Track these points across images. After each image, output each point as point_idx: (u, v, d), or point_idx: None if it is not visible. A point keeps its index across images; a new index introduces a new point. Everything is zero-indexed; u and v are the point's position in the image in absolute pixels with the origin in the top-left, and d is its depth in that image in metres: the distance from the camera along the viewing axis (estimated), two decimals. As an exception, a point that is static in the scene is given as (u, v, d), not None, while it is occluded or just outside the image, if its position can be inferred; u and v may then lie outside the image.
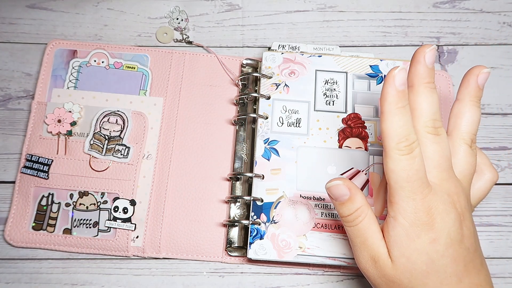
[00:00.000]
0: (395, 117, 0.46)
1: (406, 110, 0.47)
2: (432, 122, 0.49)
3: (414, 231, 0.47)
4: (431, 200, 0.47)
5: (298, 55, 0.66)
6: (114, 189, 0.63)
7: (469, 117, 0.51)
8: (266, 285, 0.62)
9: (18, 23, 0.71)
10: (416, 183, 0.46)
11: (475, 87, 0.51)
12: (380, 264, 0.49)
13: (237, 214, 0.63)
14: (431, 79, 0.49)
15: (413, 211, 0.47)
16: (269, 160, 0.62)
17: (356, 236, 0.50)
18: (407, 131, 0.46)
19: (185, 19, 0.72)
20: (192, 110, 0.67)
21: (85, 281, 0.62)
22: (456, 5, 0.74)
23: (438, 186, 0.48)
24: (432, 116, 0.49)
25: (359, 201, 0.49)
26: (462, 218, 0.48)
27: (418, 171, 0.46)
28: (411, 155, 0.46)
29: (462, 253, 0.47)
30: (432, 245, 0.47)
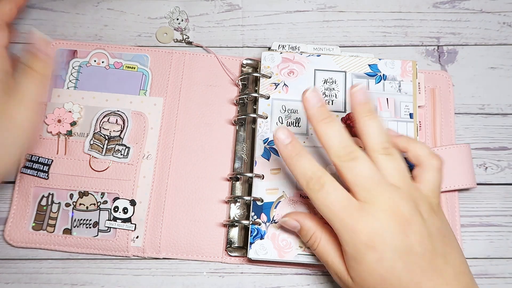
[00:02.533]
0: (297, 163, 0.51)
1: (302, 155, 0.51)
2: (342, 150, 0.50)
3: (358, 255, 0.49)
4: (365, 222, 0.48)
5: (297, 55, 0.66)
6: (114, 189, 0.63)
7: (368, 132, 0.52)
8: (266, 285, 0.62)
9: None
10: (340, 211, 0.49)
11: (358, 104, 0.53)
12: (344, 281, 0.52)
13: (237, 214, 0.63)
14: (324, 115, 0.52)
15: (350, 238, 0.49)
16: (268, 160, 0.62)
17: (320, 257, 0.55)
18: (311, 170, 0.51)
19: (185, 20, 0.72)
20: (192, 110, 0.67)
21: (85, 281, 0.62)
22: (456, 5, 0.74)
23: (369, 205, 0.49)
24: (340, 145, 0.51)
25: (310, 228, 0.54)
26: (406, 225, 0.49)
27: (336, 200, 0.49)
28: (323, 190, 0.50)
29: (414, 261, 0.48)
30: (379, 264, 0.48)
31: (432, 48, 0.72)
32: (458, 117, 0.69)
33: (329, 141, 0.51)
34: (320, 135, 0.52)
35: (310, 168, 0.51)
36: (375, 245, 0.48)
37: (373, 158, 0.51)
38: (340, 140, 0.51)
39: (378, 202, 0.49)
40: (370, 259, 0.48)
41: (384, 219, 0.48)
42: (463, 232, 0.64)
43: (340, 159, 0.50)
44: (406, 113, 0.64)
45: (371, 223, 0.48)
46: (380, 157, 0.51)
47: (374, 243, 0.48)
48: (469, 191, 0.66)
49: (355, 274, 0.50)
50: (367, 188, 0.49)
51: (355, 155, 0.50)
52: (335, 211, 0.49)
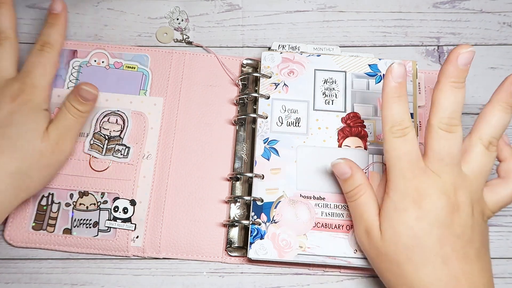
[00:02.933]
0: (392, 105, 0.52)
1: (401, 99, 0.52)
2: (447, 120, 0.51)
3: (402, 205, 0.52)
4: (421, 182, 0.51)
5: (297, 55, 0.67)
6: (114, 189, 0.63)
7: (492, 121, 0.53)
8: (266, 285, 0.62)
9: (18, 23, 0.71)
10: (406, 162, 0.52)
11: (507, 93, 0.53)
12: (372, 236, 0.54)
13: (237, 214, 0.63)
14: (459, 79, 0.51)
15: (403, 187, 0.52)
16: (268, 159, 0.62)
17: (354, 210, 0.56)
18: (401, 117, 0.52)
19: (185, 20, 0.72)
20: (192, 110, 0.67)
21: (85, 281, 0.62)
22: (456, 5, 0.74)
23: (436, 175, 0.52)
24: (449, 114, 0.51)
25: (359, 179, 0.56)
26: (455, 208, 0.51)
27: (408, 152, 0.52)
28: (403, 138, 0.52)
29: (449, 238, 0.50)
30: (418, 222, 0.51)
31: (432, 48, 0.72)
32: (458, 117, 0.69)
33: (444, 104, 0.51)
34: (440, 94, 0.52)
35: (402, 115, 0.52)
36: (422, 204, 0.51)
37: (473, 143, 0.53)
38: (454, 109, 0.51)
39: (442, 178, 0.52)
40: (411, 214, 0.51)
41: (439, 192, 0.51)
42: (463, 232, 0.64)
43: (441, 124, 0.51)
44: (406, 113, 0.64)
45: (426, 186, 0.51)
46: (480, 147, 0.53)
47: (422, 202, 0.51)
48: (469, 191, 0.66)
49: (388, 225, 0.52)
50: (443, 163, 0.52)
51: (456, 130, 0.51)
52: (402, 160, 0.52)
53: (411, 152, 0.52)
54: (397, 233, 0.52)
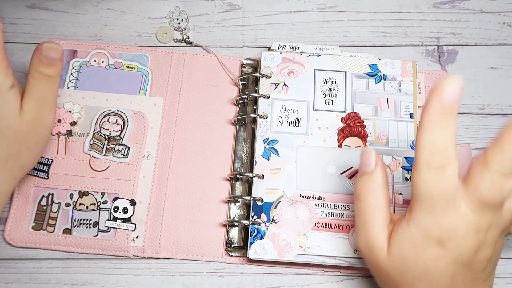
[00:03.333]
0: (433, 131, 0.43)
1: (450, 125, 0.42)
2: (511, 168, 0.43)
3: (422, 244, 0.46)
4: (451, 221, 0.44)
5: (297, 55, 0.67)
6: (114, 189, 0.63)
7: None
8: (266, 285, 0.62)
9: (18, 23, 0.71)
10: (439, 201, 0.44)
11: None
12: (374, 252, 0.48)
13: (237, 214, 0.63)
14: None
15: (427, 225, 0.45)
16: (268, 159, 0.62)
17: (359, 214, 0.50)
18: (443, 147, 0.43)
19: (185, 20, 0.72)
20: (192, 110, 0.67)
21: (85, 281, 0.62)
22: (456, 5, 0.74)
23: (471, 214, 0.44)
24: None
25: (377, 181, 0.48)
26: (481, 245, 0.46)
27: (445, 190, 0.44)
28: (441, 174, 0.43)
29: (463, 274, 0.46)
30: (435, 261, 0.46)
31: (432, 48, 0.72)
32: (458, 117, 0.67)
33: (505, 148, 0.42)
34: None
35: (445, 143, 0.43)
36: (446, 246, 0.45)
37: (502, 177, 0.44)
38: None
39: (479, 218, 0.45)
40: (430, 253, 0.46)
41: (470, 230, 0.45)
42: (463, 232, 0.64)
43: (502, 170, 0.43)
44: (406, 113, 0.64)
45: (457, 225, 0.44)
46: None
47: (447, 243, 0.45)
48: (469, 191, 0.66)
49: (399, 253, 0.47)
50: (484, 206, 0.44)
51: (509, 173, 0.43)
52: (436, 198, 0.44)
53: (448, 188, 0.44)
54: (408, 264, 0.47)
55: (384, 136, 0.63)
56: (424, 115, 0.43)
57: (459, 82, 0.41)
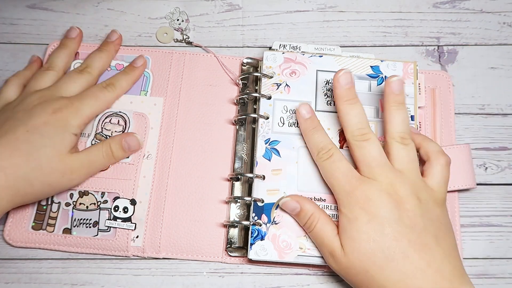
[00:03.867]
0: (314, 135, 0.60)
1: (318, 129, 0.60)
2: (358, 131, 0.57)
3: (352, 215, 0.54)
4: (361, 190, 0.55)
5: (299, 55, 0.66)
6: (114, 188, 0.63)
7: (392, 120, 0.57)
8: (266, 285, 0.62)
9: (18, 23, 0.71)
10: (341, 178, 0.56)
11: (391, 93, 0.58)
12: (336, 256, 0.55)
13: (237, 214, 0.63)
14: (350, 96, 0.58)
15: (347, 200, 0.55)
16: (270, 160, 0.62)
17: (315, 238, 0.58)
18: (323, 143, 0.59)
19: (185, 20, 0.72)
20: (192, 110, 0.67)
21: (85, 281, 0.62)
22: (456, 5, 0.74)
23: (371, 180, 0.55)
24: (357, 125, 0.57)
25: (309, 210, 0.58)
26: (398, 203, 0.54)
27: (339, 168, 0.57)
28: (330, 159, 0.58)
29: (402, 231, 0.53)
30: (370, 225, 0.53)
31: (432, 48, 0.72)
32: (458, 117, 0.69)
33: (348, 120, 0.58)
34: (341, 114, 0.59)
35: (323, 141, 0.59)
36: (369, 209, 0.54)
37: (389, 144, 0.57)
38: (358, 121, 0.57)
39: (378, 181, 0.55)
40: (362, 220, 0.54)
41: (379, 193, 0.54)
42: (463, 233, 0.64)
43: (354, 137, 0.57)
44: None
45: (367, 191, 0.54)
46: (395, 144, 0.57)
47: (368, 207, 0.54)
48: (469, 191, 0.66)
49: (346, 239, 0.54)
50: (371, 166, 0.56)
51: (368, 137, 0.57)
52: (338, 177, 0.57)
53: (341, 168, 0.57)
54: (356, 242, 0.53)
55: (385, 137, 0.63)
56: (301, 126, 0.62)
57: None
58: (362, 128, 0.57)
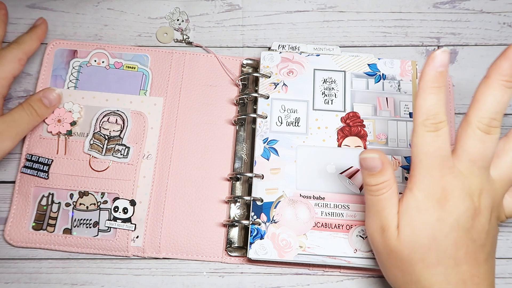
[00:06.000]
0: (428, 95, 0.48)
1: (440, 90, 0.48)
2: (488, 120, 0.48)
3: (425, 205, 0.49)
4: (448, 182, 0.48)
5: (296, 54, 0.67)
6: (114, 189, 0.63)
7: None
8: (266, 285, 0.62)
9: (18, 23, 0.72)
10: (435, 159, 0.48)
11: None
12: (387, 234, 0.51)
13: (237, 214, 0.63)
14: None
15: (428, 185, 0.49)
16: (268, 159, 0.62)
17: (374, 205, 0.52)
18: (436, 110, 0.48)
19: (185, 20, 0.72)
20: (192, 110, 0.67)
21: (85, 281, 0.62)
22: (456, 6, 0.74)
23: (464, 176, 0.49)
24: (492, 114, 0.48)
25: (388, 175, 0.50)
26: (476, 212, 0.49)
27: (439, 149, 0.48)
28: (436, 133, 0.48)
29: (465, 241, 0.49)
30: (438, 223, 0.49)
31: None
32: (458, 117, 0.69)
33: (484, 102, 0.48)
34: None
35: (438, 107, 0.48)
36: (446, 206, 0.49)
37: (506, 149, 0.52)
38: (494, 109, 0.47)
39: (470, 181, 0.49)
40: (433, 214, 0.49)
41: (464, 194, 0.49)
42: (463, 232, 0.64)
43: (480, 124, 0.48)
44: (405, 112, 0.64)
45: (453, 187, 0.48)
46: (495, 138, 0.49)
47: (446, 203, 0.48)
48: (469, 191, 0.66)
49: (406, 223, 0.50)
50: (474, 165, 0.49)
51: (495, 131, 0.48)
52: (432, 156, 0.48)
53: (442, 149, 0.48)
54: (416, 233, 0.49)
55: (384, 135, 0.63)
56: (421, 81, 0.48)
57: (447, 51, 0.47)
58: (496, 119, 0.48)
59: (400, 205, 0.51)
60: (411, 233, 0.49)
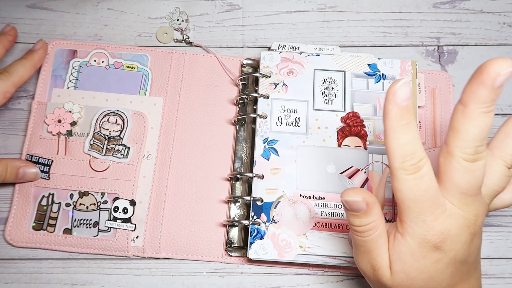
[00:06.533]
0: (398, 135, 0.43)
1: (411, 126, 0.43)
2: (473, 150, 0.43)
3: (420, 252, 0.46)
4: (443, 223, 0.45)
5: (296, 54, 0.67)
6: (114, 189, 0.63)
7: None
8: (266, 285, 0.62)
9: (18, 23, 0.72)
10: (425, 203, 0.44)
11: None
12: (379, 273, 0.48)
13: (237, 214, 0.63)
14: (493, 102, 0.42)
15: (422, 233, 0.45)
16: (268, 159, 0.62)
17: (361, 245, 0.49)
18: (412, 149, 0.43)
19: (185, 20, 0.72)
20: (192, 110, 0.67)
21: (85, 281, 0.62)
22: (456, 6, 0.74)
23: (457, 209, 0.45)
24: (477, 142, 0.43)
25: (374, 215, 0.46)
26: (472, 237, 0.46)
27: (426, 191, 0.44)
28: (418, 175, 0.43)
29: (461, 270, 0.47)
30: (435, 265, 0.46)
31: (432, 48, 0.72)
32: (458, 117, 0.68)
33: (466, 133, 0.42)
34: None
35: (414, 145, 0.43)
36: (443, 248, 0.45)
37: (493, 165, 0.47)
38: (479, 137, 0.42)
39: (465, 212, 0.45)
40: (430, 258, 0.46)
41: (462, 227, 0.45)
42: (463, 232, 0.64)
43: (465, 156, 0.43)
44: (405, 112, 0.64)
45: (449, 226, 0.45)
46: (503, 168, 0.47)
47: (443, 245, 0.45)
48: (469, 191, 0.66)
49: (400, 269, 0.46)
50: (468, 194, 0.45)
51: (482, 156, 0.43)
52: (421, 201, 0.44)
53: (429, 189, 0.44)
54: (411, 277, 0.46)
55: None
56: (386, 121, 0.43)
57: (407, 82, 0.42)
58: (482, 145, 0.43)
59: (392, 246, 0.47)
60: (406, 278, 0.47)
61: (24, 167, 0.62)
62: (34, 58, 0.67)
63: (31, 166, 0.63)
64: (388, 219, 0.60)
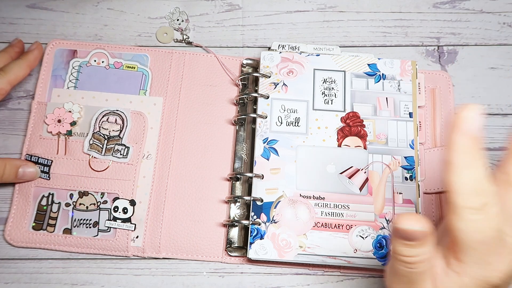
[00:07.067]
0: (466, 170, 0.38)
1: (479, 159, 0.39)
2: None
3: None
4: (503, 263, 0.40)
5: (296, 54, 0.67)
6: (114, 189, 0.63)
7: None
8: (266, 285, 0.62)
9: (18, 23, 0.72)
10: (492, 246, 0.39)
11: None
12: None
13: (237, 214, 0.63)
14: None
15: (485, 275, 0.41)
16: (268, 159, 0.62)
17: (404, 276, 0.43)
18: (482, 185, 0.39)
19: (185, 20, 0.72)
20: (192, 110, 0.67)
21: (85, 281, 0.62)
22: (456, 6, 0.74)
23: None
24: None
25: (429, 246, 0.41)
26: None
27: (495, 231, 0.39)
28: (486, 213, 0.39)
29: None
30: None
31: (432, 48, 0.72)
32: (458, 117, 0.68)
33: None
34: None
35: (483, 179, 0.38)
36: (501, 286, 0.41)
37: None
38: None
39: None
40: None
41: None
42: (463, 232, 0.64)
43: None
44: (405, 112, 0.64)
45: (508, 265, 0.40)
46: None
47: (503, 284, 0.41)
48: (469, 191, 0.66)
49: None
50: None
51: None
52: (489, 243, 0.39)
53: (499, 230, 0.39)
54: None
55: (384, 135, 0.63)
56: (452, 153, 0.39)
57: (478, 110, 0.38)
58: None
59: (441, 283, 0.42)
60: None
61: (24, 166, 0.62)
62: (29, 58, 0.67)
63: (30, 165, 0.63)
64: (388, 219, 0.60)
